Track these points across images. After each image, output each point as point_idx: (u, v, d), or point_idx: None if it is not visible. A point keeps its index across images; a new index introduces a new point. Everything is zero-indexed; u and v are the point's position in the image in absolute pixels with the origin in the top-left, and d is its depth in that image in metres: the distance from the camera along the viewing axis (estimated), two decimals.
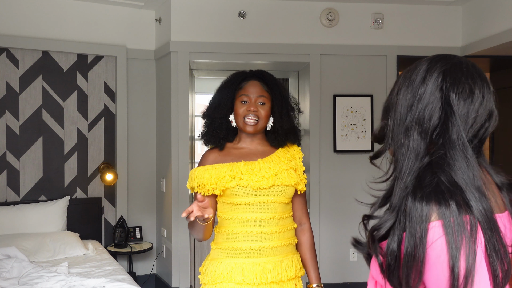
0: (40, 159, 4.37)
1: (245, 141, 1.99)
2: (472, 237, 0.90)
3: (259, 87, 1.96)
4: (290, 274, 1.92)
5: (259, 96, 1.94)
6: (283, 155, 1.98)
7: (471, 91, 1.03)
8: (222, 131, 1.97)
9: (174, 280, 4.37)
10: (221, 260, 1.90)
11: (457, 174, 0.96)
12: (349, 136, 4.57)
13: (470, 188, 0.95)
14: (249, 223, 1.87)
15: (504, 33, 4.05)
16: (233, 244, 1.88)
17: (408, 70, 1.14)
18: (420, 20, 4.64)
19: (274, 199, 1.89)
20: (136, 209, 4.77)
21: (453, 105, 1.01)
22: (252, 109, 1.92)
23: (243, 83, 1.98)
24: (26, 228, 4.06)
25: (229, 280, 1.85)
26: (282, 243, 1.90)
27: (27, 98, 4.32)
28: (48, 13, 4.35)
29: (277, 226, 1.89)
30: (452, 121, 1.00)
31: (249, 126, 1.92)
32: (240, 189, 1.86)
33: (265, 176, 1.87)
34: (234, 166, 1.89)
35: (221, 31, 4.41)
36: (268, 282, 1.86)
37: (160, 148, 4.76)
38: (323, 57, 4.54)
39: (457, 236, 0.90)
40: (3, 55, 4.22)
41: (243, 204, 1.87)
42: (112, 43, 4.61)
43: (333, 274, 4.60)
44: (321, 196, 4.55)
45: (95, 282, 3.06)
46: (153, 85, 4.84)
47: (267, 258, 1.87)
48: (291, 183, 1.92)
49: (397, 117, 1.07)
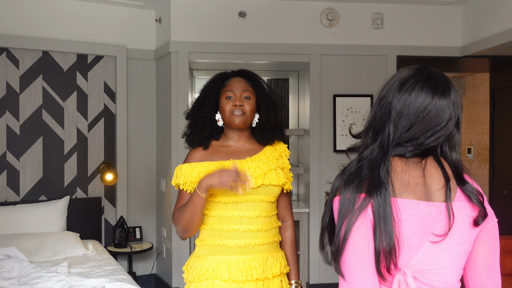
0: (40, 159, 4.37)
1: (232, 139, 1.98)
2: (358, 211, 1.16)
3: (243, 83, 1.96)
4: (275, 271, 1.92)
5: (243, 91, 1.94)
6: (271, 154, 1.98)
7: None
8: (206, 130, 1.95)
9: (174, 280, 4.37)
10: (206, 257, 1.89)
11: (379, 167, 1.18)
12: (349, 136, 4.55)
13: (379, 177, 1.17)
14: (236, 220, 1.88)
15: (504, 33, 4.05)
16: (219, 241, 1.88)
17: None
18: (420, 20, 4.64)
19: (261, 198, 1.90)
20: (136, 209, 4.77)
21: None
22: (238, 103, 1.91)
23: (227, 81, 1.98)
24: (26, 228, 4.06)
25: (215, 277, 1.85)
26: (267, 241, 1.92)
27: (27, 98, 4.32)
28: (48, 13, 4.35)
29: (263, 224, 1.90)
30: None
31: (237, 118, 1.91)
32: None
33: (254, 176, 1.87)
34: (223, 164, 1.88)
35: (221, 31, 4.41)
36: (254, 279, 1.86)
37: (160, 148, 4.76)
38: (323, 57, 4.54)
39: (345, 208, 1.18)
40: (3, 55, 4.22)
41: (231, 202, 1.88)
42: (112, 43, 4.61)
43: (332, 274, 4.59)
44: (321, 196, 4.55)
45: (95, 282, 3.06)
46: (153, 85, 4.84)
47: (252, 256, 1.88)
48: (279, 183, 1.93)
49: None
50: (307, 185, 4.60)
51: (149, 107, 4.82)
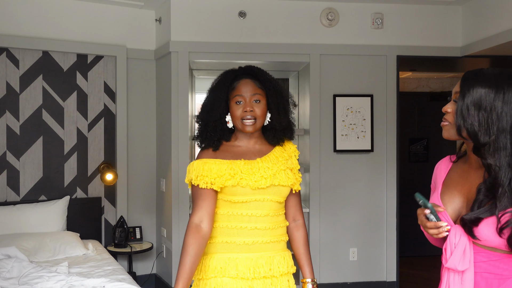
0: (40, 159, 4.37)
1: (242, 139, 1.98)
2: None
3: (252, 85, 1.93)
4: (282, 269, 1.94)
5: (253, 95, 1.92)
6: (280, 154, 1.98)
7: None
8: (217, 133, 1.95)
9: (174, 280, 4.37)
10: (214, 255, 1.90)
11: None
12: (349, 136, 4.57)
13: None
14: (244, 219, 1.89)
15: (504, 33, 4.05)
16: (227, 238, 1.90)
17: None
18: (420, 20, 4.64)
19: (270, 198, 1.91)
20: (136, 209, 4.77)
21: None
22: (248, 109, 1.90)
23: (235, 83, 1.95)
24: (26, 228, 4.06)
25: (223, 275, 1.86)
26: (274, 239, 1.93)
27: (27, 98, 4.32)
28: (48, 13, 4.35)
29: (270, 223, 1.92)
30: None
31: (248, 126, 1.91)
32: (239, 189, 1.87)
33: (264, 176, 1.88)
34: (234, 164, 1.89)
35: (221, 31, 4.41)
36: (261, 276, 1.88)
37: (160, 148, 4.76)
38: (323, 57, 4.54)
39: None
40: (3, 55, 4.22)
41: (240, 202, 1.89)
42: (112, 43, 4.61)
43: (333, 274, 4.60)
44: (321, 196, 4.55)
45: (95, 282, 3.06)
46: (153, 85, 4.84)
47: (259, 253, 1.89)
48: (288, 183, 1.94)
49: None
50: (307, 185, 4.60)
51: (149, 107, 4.82)
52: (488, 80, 1.45)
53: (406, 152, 6.32)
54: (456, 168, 1.61)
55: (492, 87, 1.43)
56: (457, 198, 1.54)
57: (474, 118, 1.44)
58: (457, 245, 1.46)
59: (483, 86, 1.44)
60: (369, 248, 4.63)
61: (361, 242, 4.63)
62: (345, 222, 4.60)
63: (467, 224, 1.45)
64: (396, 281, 4.64)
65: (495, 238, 1.42)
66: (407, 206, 4.45)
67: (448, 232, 1.47)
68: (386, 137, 4.62)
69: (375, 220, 4.62)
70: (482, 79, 1.45)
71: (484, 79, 1.45)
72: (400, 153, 4.84)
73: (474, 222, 1.43)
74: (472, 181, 1.52)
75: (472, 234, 1.44)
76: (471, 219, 1.43)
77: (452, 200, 1.55)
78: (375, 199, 4.62)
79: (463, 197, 1.53)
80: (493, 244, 1.44)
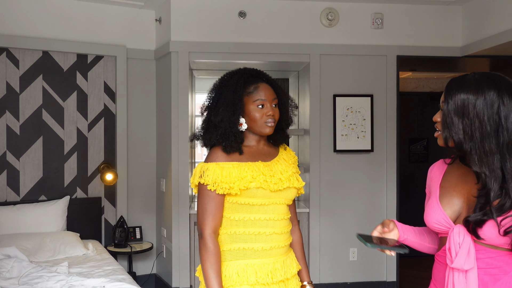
0: (40, 159, 4.37)
1: (251, 140, 1.97)
2: None
3: (271, 90, 1.96)
4: (293, 271, 1.94)
5: (273, 99, 1.95)
6: (288, 158, 2.01)
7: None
8: (236, 136, 1.90)
9: (174, 280, 4.37)
10: (229, 262, 1.86)
11: None
12: (349, 136, 4.57)
13: None
14: (262, 224, 1.87)
15: (504, 33, 4.05)
16: (244, 245, 1.86)
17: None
18: (420, 20, 4.64)
19: (284, 201, 1.91)
20: (136, 209, 4.77)
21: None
22: (271, 113, 1.92)
23: (252, 87, 1.94)
24: (26, 228, 4.06)
25: (241, 283, 1.82)
26: (287, 243, 1.94)
27: (27, 98, 4.32)
28: (48, 13, 4.35)
29: (284, 227, 1.92)
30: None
31: (269, 128, 1.92)
32: (260, 191, 1.84)
33: (281, 178, 1.89)
34: (254, 166, 1.87)
35: (221, 31, 4.41)
36: (278, 281, 1.87)
37: (160, 148, 4.76)
38: (323, 57, 4.54)
39: None
40: (3, 55, 4.22)
41: (258, 205, 1.86)
42: (112, 43, 4.61)
43: (333, 274, 4.60)
44: (321, 196, 4.55)
45: (95, 282, 3.06)
46: (153, 85, 4.84)
47: (275, 258, 1.89)
48: (299, 186, 1.96)
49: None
50: (307, 185, 4.60)
51: (149, 107, 4.82)
52: (469, 86, 1.45)
53: (406, 152, 6.33)
54: (453, 170, 1.62)
55: (472, 92, 1.44)
56: (456, 200, 1.55)
57: (458, 127, 1.45)
58: (461, 245, 1.46)
59: (464, 92, 1.45)
60: (369, 248, 4.63)
61: (361, 242, 4.62)
62: (345, 222, 4.60)
63: (471, 225, 1.45)
64: (396, 281, 4.64)
65: (499, 238, 1.43)
66: (407, 206, 4.48)
67: (392, 254, 1.63)
68: (386, 137, 4.62)
69: (375, 220, 4.62)
70: (464, 85, 1.46)
71: (465, 85, 1.46)
72: (400, 153, 4.84)
73: (478, 223, 1.44)
74: (472, 182, 1.52)
75: (476, 234, 1.45)
76: (476, 220, 1.44)
77: (451, 202, 1.55)
78: (375, 199, 4.63)
79: (463, 198, 1.54)
80: (496, 243, 1.45)
